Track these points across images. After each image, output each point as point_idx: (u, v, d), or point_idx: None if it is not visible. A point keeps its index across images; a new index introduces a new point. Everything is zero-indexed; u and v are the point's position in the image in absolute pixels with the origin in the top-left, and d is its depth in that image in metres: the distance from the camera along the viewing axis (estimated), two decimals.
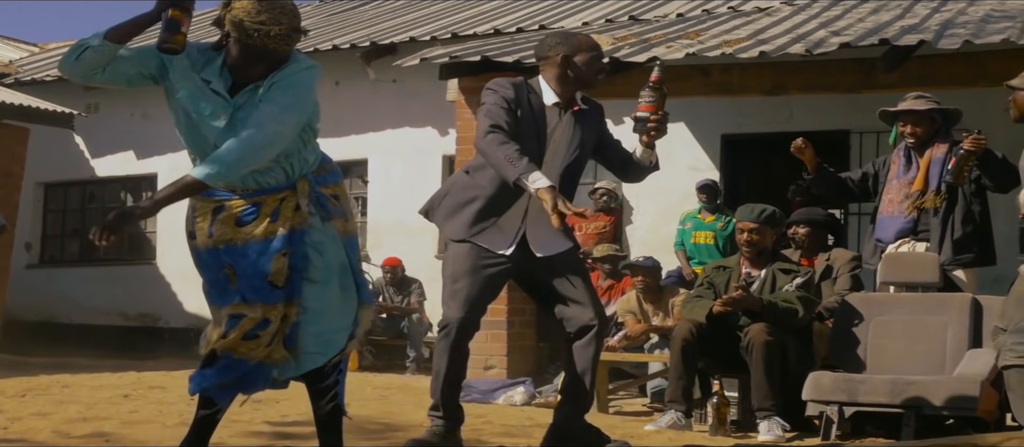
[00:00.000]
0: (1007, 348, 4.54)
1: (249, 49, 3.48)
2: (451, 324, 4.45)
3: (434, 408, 4.54)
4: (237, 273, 3.57)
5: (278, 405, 6.19)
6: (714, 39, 7.67)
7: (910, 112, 6.15)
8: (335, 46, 11.45)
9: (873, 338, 5.83)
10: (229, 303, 3.59)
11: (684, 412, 5.71)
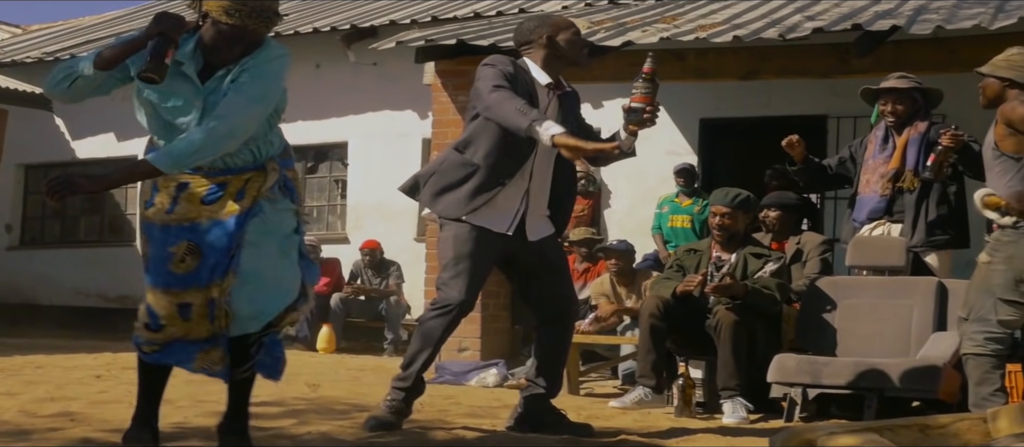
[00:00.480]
0: (967, 336, 4.60)
1: (227, 30, 3.49)
2: (453, 305, 4.52)
3: (402, 380, 4.59)
4: (202, 251, 3.57)
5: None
6: (690, 24, 7.68)
7: (892, 90, 6.18)
8: (315, 29, 11.45)
9: (839, 321, 5.88)
10: (168, 287, 3.58)
11: (652, 387, 5.73)
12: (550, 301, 4.80)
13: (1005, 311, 4.52)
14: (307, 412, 5.01)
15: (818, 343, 5.82)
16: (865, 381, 5.28)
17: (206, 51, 3.56)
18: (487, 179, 4.53)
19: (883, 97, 6.28)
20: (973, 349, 4.58)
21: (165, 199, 3.60)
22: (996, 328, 4.53)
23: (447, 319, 4.55)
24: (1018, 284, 4.48)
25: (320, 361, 8.62)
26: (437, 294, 4.61)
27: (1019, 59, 4.70)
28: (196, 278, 3.58)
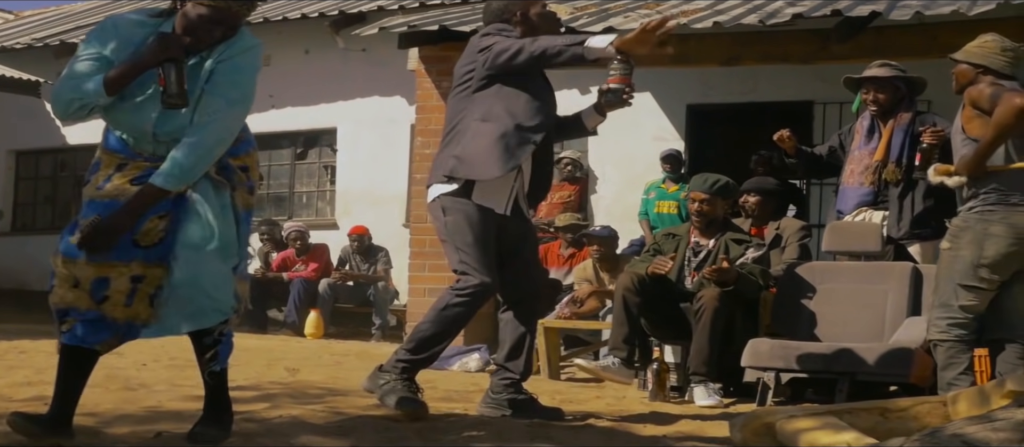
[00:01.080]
0: (932, 323, 4.64)
1: (210, 13, 3.48)
2: (484, 288, 4.50)
3: (413, 363, 4.57)
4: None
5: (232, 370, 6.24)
6: (673, 9, 7.69)
7: (873, 79, 6.19)
8: (304, 14, 11.46)
9: (815, 306, 5.91)
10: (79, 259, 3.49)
11: (622, 359, 5.73)
12: (525, 282, 4.82)
13: (965, 297, 4.55)
14: (281, 396, 5.03)
15: (793, 328, 5.85)
16: (837, 365, 5.31)
17: (186, 34, 3.53)
18: (520, 138, 4.51)
19: (865, 86, 6.29)
20: (937, 335, 4.62)
21: (100, 177, 3.56)
22: (958, 314, 4.57)
23: (477, 304, 4.55)
24: (976, 269, 4.52)
25: (305, 346, 8.65)
26: (461, 279, 4.51)
27: (992, 46, 4.73)
28: (118, 253, 3.50)
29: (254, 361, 6.71)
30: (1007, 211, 4.51)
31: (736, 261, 5.94)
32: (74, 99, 3.48)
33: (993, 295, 4.59)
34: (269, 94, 11.82)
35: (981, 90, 4.51)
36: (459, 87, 4.69)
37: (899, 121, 6.20)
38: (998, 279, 4.54)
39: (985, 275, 4.53)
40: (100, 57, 3.51)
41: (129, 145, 3.57)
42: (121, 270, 3.49)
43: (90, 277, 3.48)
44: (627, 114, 10.29)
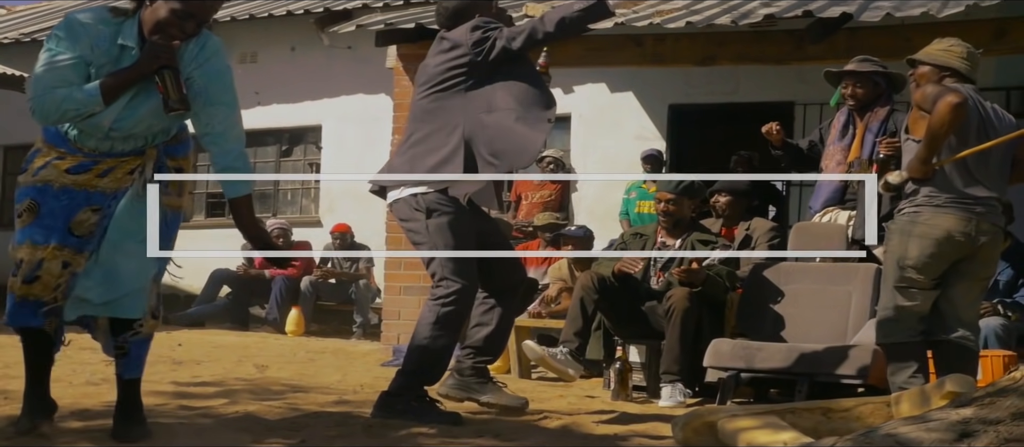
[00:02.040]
0: (877, 325, 4.68)
1: (182, 8, 3.52)
2: (463, 292, 4.44)
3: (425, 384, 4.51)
4: (40, 211, 3.57)
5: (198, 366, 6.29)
6: (649, 9, 7.71)
7: (852, 73, 6.22)
8: (290, 12, 11.49)
9: (780, 307, 5.92)
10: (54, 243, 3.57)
11: (572, 351, 5.65)
12: (513, 270, 4.82)
13: (901, 298, 4.59)
14: (242, 392, 5.07)
15: (758, 328, 5.87)
16: (797, 366, 5.33)
17: (157, 30, 3.55)
18: (536, 118, 4.49)
19: (844, 80, 6.33)
20: (882, 338, 4.66)
21: (37, 163, 3.61)
22: (896, 314, 4.61)
23: (466, 307, 4.51)
24: (903, 270, 4.56)
25: (282, 343, 8.68)
26: (441, 285, 4.44)
27: (958, 49, 4.79)
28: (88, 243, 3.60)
29: (225, 357, 6.75)
30: (932, 212, 4.55)
31: (703, 262, 5.97)
32: (68, 109, 3.48)
33: (933, 296, 4.62)
34: (255, 91, 11.89)
35: (924, 91, 4.55)
36: (441, 86, 4.57)
37: (874, 117, 6.21)
38: (925, 279, 4.57)
39: (912, 275, 4.56)
40: (78, 60, 3.50)
41: (69, 139, 3.59)
42: (55, 253, 3.55)
43: (31, 259, 3.56)
44: (609, 113, 10.43)
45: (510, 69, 4.58)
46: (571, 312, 5.85)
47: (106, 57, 3.54)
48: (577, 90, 10.48)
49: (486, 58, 4.52)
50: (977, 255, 4.65)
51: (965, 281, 4.69)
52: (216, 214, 12.15)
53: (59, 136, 3.61)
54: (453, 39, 4.61)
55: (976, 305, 4.86)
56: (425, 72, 4.69)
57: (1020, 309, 6.16)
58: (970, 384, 3.72)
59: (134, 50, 3.57)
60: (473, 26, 4.57)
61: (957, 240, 4.57)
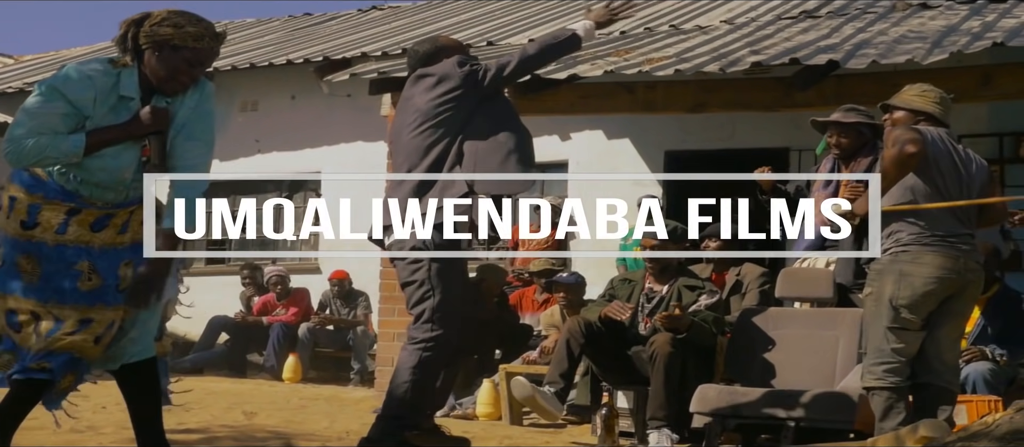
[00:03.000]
0: (866, 370, 4.68)
1: (192, 55, 3.63)
2: (449, 340, 4.46)
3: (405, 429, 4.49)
4: (99, 273, 3.66)
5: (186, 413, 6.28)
6: (640, 57, 7.78)
7: (837, 123, 6.26)
8: (290, 60, 11.59)
9: (767, 352, 5.93)
10: (69, 303, 3.64)
11: (557, 392, 5.69)
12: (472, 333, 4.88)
13: (895, 340, 4.60)
14: (225, 439, 5.09)
15: (746, 373, 5.87)
16: (783, 411, 5.33)
17: (160, 82, 3.65)
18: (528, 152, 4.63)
19: (830, 129, 6.36)
20: (873, 383, 4.66)
21: (54, 218, 3.64)
22: (892, 358, 4.61)
23: (446, 353, 4.50)
24: (897, 310, 4.57)
25: (277, 390, 8.69)
26: (431, 329, 4.44)
27: (932, 94, 4.88)
28: (102, 296, 3.67)
29: (216, 404, 6.76)
30: (920, 251, 4.58)
31: (688, 308, 5.98)
32: (49, 156, 3.53)
33: (921, 337, 4.64)
34: (256, 139, 11.99)
35: (893, 134, 4.62)
36: (435, 120, 4.60)
37: (858, 166, 6.24)
38: (918, 319, 4.60)
39: (905, 315, 4.58)
40: (72, 111, 3.55)
41: (81, 194, 3.64)
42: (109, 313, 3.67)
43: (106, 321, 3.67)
44: (606, 159, 10.47)
45: (492, 105, 4.68)
46: (557, 354, 5.87)
47: (106, 107, 3.60)
48: (574, 137, 10.54)
49: (480, 86, 4.61)
50: (964, 292, 4.69)
51: (951, 322, 4.72)
52: (215, 262, 12.21)
53: (66, 192, 3.63)
54: (439, 73, 4.65)
55: (957, 345, 4.88)
56: (413, 109, 4.70)
57: (1009, 354, 6.15)
58: (944, 429, 3.74)
59: (134, 101, 3.64)
60: (459, 61, 4.66)
61: (947, 278, 4.61)
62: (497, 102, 4.74)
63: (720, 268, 7.02)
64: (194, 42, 3.62)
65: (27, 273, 3.63)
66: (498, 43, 10.74)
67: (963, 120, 8.61)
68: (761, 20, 9.64)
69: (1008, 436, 3.37)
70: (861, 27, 8.36)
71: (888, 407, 4.65)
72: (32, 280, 3.63)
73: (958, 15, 8.40)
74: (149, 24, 3.65)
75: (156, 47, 3.63)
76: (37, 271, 3.64)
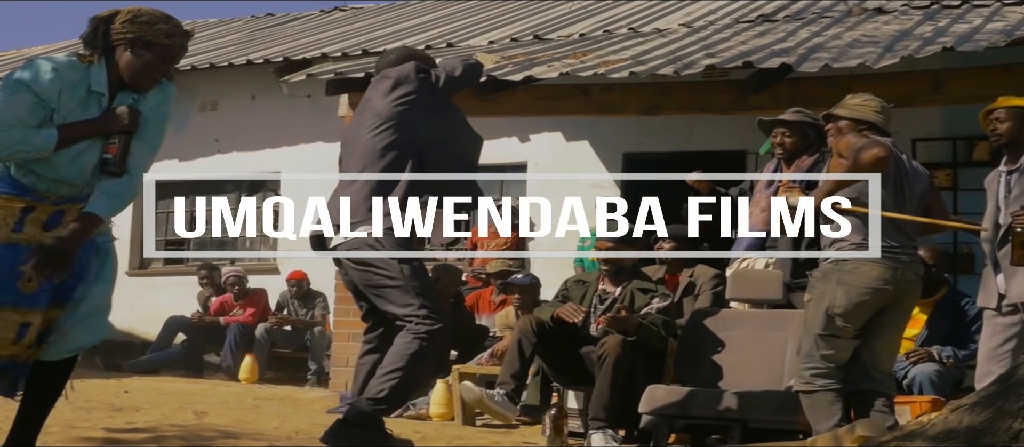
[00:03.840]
0: (797, 374, 4.73)
1: (164, 52, 3.67)
2: (442, 329, 4.51)
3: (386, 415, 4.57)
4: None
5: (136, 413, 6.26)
6: (596, 59, 7.80)
7: (782, 122, 6.33)
8: (250, 60, 11.54)
9: (717, 353, 5.96)
10: (16, 304, 3.60)
11: (508, 392, 5.75)
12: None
13: (824, 346, 4.64)
14: (172, 439, 5.07)
15: (696, 375, 5.90)
16: (730, 411, 5.37)
17: (132, 78, 3.68)
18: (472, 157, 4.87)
19: (775, 129, 6.44)
20: (802, 386, 4.71)
21: (9, 218, 3.62)
22: (821, 364, 4.65)
23: (439, 345, 4.57)
24: (830, 318, 4.61)
25: (232, 390, 8.64)
26: (422, 322, 4.46)
27: (873, 104, 4.95)
28: (38, 299, 3.63)
29: (167, 404, 6.73)
30: (858, 261, 4.62)
31: (640, 310, 6.01)
32: (20, 150, 3.52)
33: (854, 345, 4.68)
34: (215, 139, 11.93)
35: (849, 140, 4.65)
36: (392, 122, 4.67)
37: (799, 166, 6.30)
38: (850, 328, 4.63)
39: (839, 324, 4.62)
40: (39, 104, 3.54)
41: (37, 189, 3.64)
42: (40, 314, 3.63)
43: (39, 323, 3.63)
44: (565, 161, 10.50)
45: (444, 110, 4.79)
46: (508, 354, 5.89)
47: (74, 101, 3.60)
48: (533, 139, 10.56)
49: (435, 91, 4.73)
50: (900, 303, 4.73)
51: (887, 331, 4.76)
52: (173, 262, 12.14)
53: (21, 186, 3.62)
54: (395, 76, 4.75)
55: (894, 353, 4.94)
56: (371, 111, 4.76)
57: (956, 356, 6.22)
58: (880, 428, 3.77)
59: (104, 96, 3.67)
60: (417, 68, 4.77)
61: (883, 288, 4.65)
62: (450, 109, 4.83)
63: (673, 269, 7.05)
64: (166, 39, 3.67)
65: None
66: (458, 45, 10.74)
67: (917, 124, 8.74)
68: (719, 23, 9.70)
69: (942, 435, 3.40)
70: (817, 31, 8.42)
71: (821, 411, 4.69)
72: None
73: (912, 20, 8.48)
74: (120, 21, 3.69)
75: (128, 44, 3.67)
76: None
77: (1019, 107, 5.25)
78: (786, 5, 10.42)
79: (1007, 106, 5.26)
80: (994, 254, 5.20)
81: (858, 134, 4.72)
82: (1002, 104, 5.28)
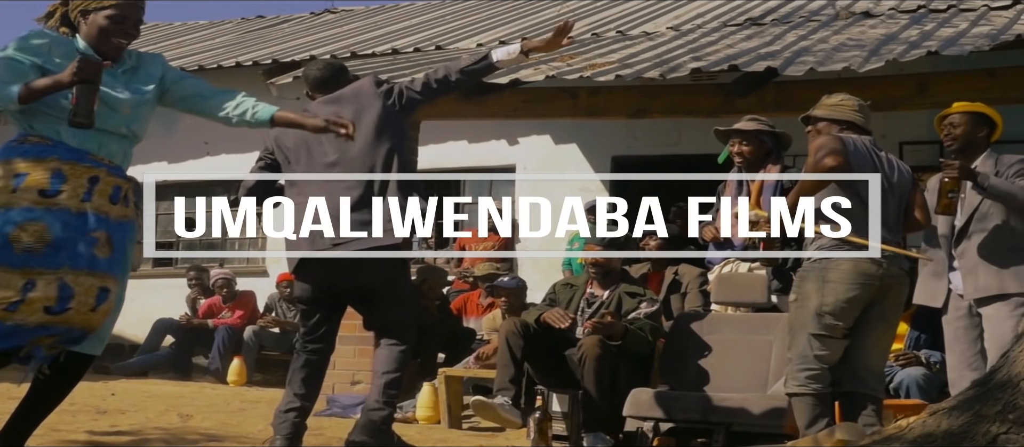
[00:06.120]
0: (789, 376, 4.72)
1: (113, 11, 3.76)
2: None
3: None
4: (112, 244, 3.70)
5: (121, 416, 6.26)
6: (583, 62, 7.81)
7: (739, 131, 6.33)
8: (239, 63, 11.53)
9: (702, 356, 5.97)
10: (82, 268, 3.63)
11: (511, 398, 5.78)
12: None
13: (818, 346, 4.63)
14: (155, 442, 5.06)
15: (681, 378, 5.91)
16: (714, 415, 5.38)
17: (96, 46, 3.78)
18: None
19: (732, 137, 6.45)
20: (796, 388, 4.69)
21: (78, 188, 3.67)
22: (815, 365, 4.64)
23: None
24: (821, 317, 4.61)
25: (219, 393, 8.62)
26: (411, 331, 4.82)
27: (851, 103, 4.94)
28: (112, 265, 3.71)
29: (152, 407, 6.72)
30: (842, 257, 4.62)
31: (628, 315, 6.01)
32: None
33: (845, 345, 4.68)
34: (205, 141, 11.90)
35: (818, 142, 4.67)
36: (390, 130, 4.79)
37: (768, 173, 6.30)
38: (841, 326, 4.63)
39: (829, 322, 4.62)
40: (17, 62, 3.64)
41: (89, 151, 3.70)
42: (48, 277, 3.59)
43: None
44: (553, 163, 10.51)
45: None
46: (501, 360, 5.90)
47: (68, 60, 3.67)
48: (521, 141, 10.58)
49: (398, 105, 4.82)
50: (887, 298, 4.73)
51: (877, 329, 4.76)
52: (162, 263, 12.12)
53: (75, 151, 3.68)
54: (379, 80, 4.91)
55: (884, 353, 4.92)
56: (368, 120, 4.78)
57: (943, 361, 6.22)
58: (860, 432, 3.78)
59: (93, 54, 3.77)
60: (375, 81, 4.88)
61: (869, 284, 4.64)
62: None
63: (658, 267, 7.06)
64: (135, 13, 3.79)
65: (30, 245, 3.57)
66: (446, 47, 10.75)
67: (903, 127, 8.77)
68: (706, 27, 9.71)
69: (920, 439, 3.41)
70: (804, 35, 8.43)
71: (812, 413, 4.68)
72: (37, 250, 3.58)
73: (898, 24, 8.50)
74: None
75: (82, 15, 3.81)
76: (45, 238, 3.59)
77: (974, 112, 5.28)
78: (774, 8, 10.43)
79: (961, 111, 5.30)
80: (949, 253, 5.23)
81: (833, 135, 4.72)
82: (957, 109, 5.32)
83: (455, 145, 10.58)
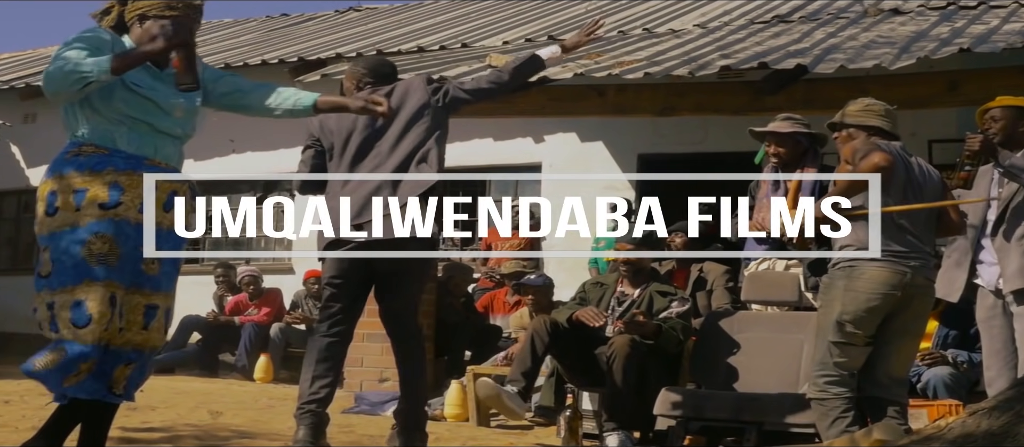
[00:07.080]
0: (811, 382, 4.70)
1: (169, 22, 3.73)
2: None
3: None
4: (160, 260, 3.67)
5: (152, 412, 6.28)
6: (611, 60, 7.80)
7: (773, 133, 6.29)
8: (264, 60, 11.57)
9: (733, 355, 5.94)
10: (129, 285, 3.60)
11: (519, 391, 5.75)
12: None
13: (837, 353, 4.60)
14: (187, 438, 5.08)
15: (711, 377, 5.89)
16: (745, 414, 5.35)
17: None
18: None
19: (767, 139, 6.40)
20: (816, 394, 4.66)
21: (137, 200, 3.64)
22: (833, 371, 4.61)
23: None
24: (841, 325, 4.57)
25: (247, 390, 8.65)
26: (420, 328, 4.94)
27: (878, 108, 4.89)
28: (161, 282, 3.68)
29: (182, 403, 6.74)
30: (866, 266, 4.58)
31: (660, 314, 5.99)
32: (72, 72, 3.52)
33: (867, 352, 4.64)
34: (230, 139, 11.94)
35: (854, 146, 4.63)
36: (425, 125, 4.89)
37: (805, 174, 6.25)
38: (863, 334, 4.59)
39: (849, 330, 4.58)
40: (89, 48, 3.61)
41: (145, 156, 3.68)
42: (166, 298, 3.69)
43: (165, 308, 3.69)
44: (579, 161, 10.50)
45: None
46: (520, 353, 5.88)
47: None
48: (547, 139, 10.57)
49: (442, 104, 4.89)
50: (909, 308, 4.67)
51: (900, 338, 4.71)
52: (189, 261, 12.15)
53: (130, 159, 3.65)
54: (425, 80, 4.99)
55: (909, 362, 4.89)
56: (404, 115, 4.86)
57: (970, 361, 6.19)
58: (897, 432, 3.75)
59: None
60: (426, 79, 4.96)
61: (891, 294, 4.59)
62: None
63: (683, 264, 7.04)
64: (169, 11, 3.74)
65: (103, 254, 3.55)
66: (472, 45, 10.75)
67: (932, 125, 8.71)
68: (734, 24, 9.68)
69: (960, 439, 3.38)
70: (832, 32, 8.40)
71: (831, 417, 4.64)
72: (112, 262, 3.56)
73: (928, 21, 8.45)
74: (130, 2, 3.81)
75: (139, 20, 3.78)
76: (116, 251, 3.57)
77: (1015, 106, 5.24)
78: (801, 6, 10.40)
79: (1003, 105, 5.26)
80: (975, 243, 5.18)
81: (866, 139, 4.69)
82: (999, 103, 5.28)
83: (481, 142, 10.58)
